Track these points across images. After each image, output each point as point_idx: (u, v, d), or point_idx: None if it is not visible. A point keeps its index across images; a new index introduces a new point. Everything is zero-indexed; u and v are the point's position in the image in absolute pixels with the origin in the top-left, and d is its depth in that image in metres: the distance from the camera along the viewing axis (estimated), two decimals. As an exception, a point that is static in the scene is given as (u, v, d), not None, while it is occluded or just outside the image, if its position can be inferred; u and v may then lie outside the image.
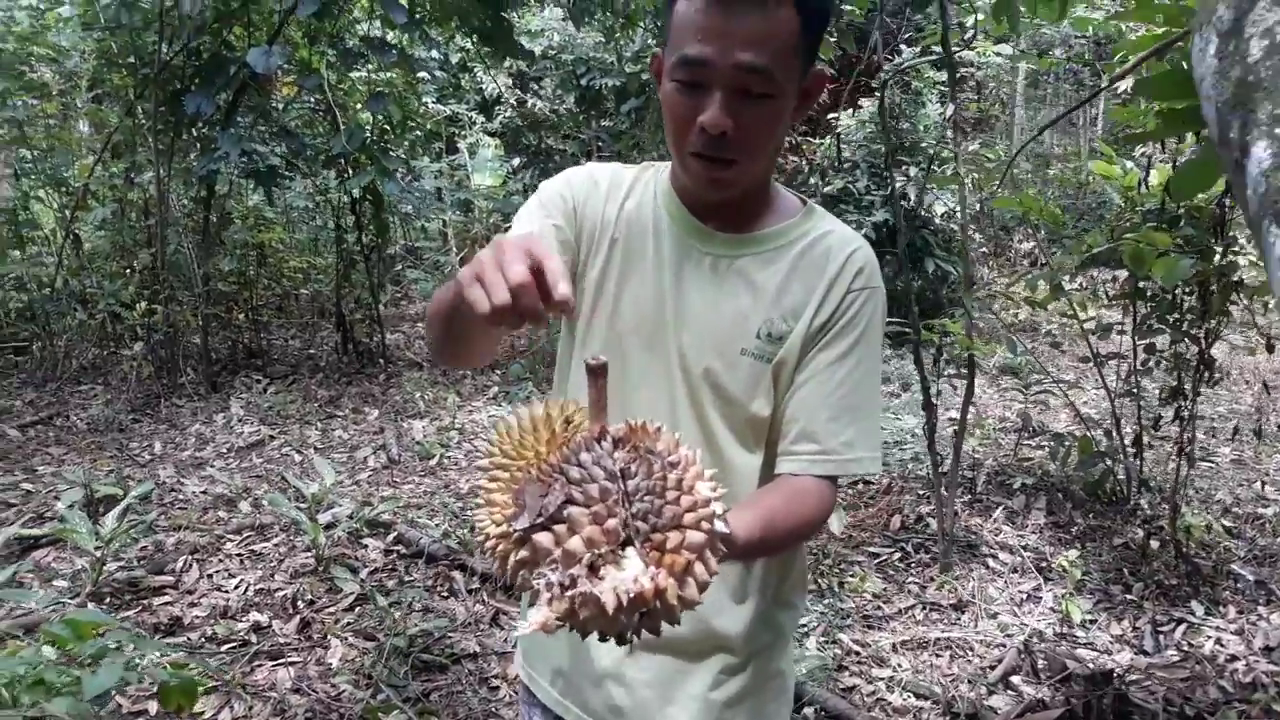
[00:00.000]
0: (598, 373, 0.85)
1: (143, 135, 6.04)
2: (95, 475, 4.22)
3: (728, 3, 1.05)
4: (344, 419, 5.47)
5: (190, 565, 3.47)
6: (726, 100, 1.09)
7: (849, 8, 3.89)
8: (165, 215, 5.90)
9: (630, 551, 0.74)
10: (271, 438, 5.03)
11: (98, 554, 3.25)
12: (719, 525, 0.77)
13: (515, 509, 0.78)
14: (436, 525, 3.84)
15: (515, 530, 0.76)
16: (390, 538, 3.73)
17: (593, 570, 0.72)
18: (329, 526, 3.62)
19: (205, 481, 4.33)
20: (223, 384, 5.98)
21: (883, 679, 2.80)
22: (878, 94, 7.66)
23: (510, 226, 1.30)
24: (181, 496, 4.17)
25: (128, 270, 6.31)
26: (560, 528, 0.74)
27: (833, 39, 3.55)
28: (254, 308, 7.04)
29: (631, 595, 0.71)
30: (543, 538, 0.74)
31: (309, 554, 3.52)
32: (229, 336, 6.78)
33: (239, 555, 3.59)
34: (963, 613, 3.15)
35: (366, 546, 3.67)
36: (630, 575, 0.72)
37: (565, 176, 1.34)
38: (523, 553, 0.77)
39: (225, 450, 4.83)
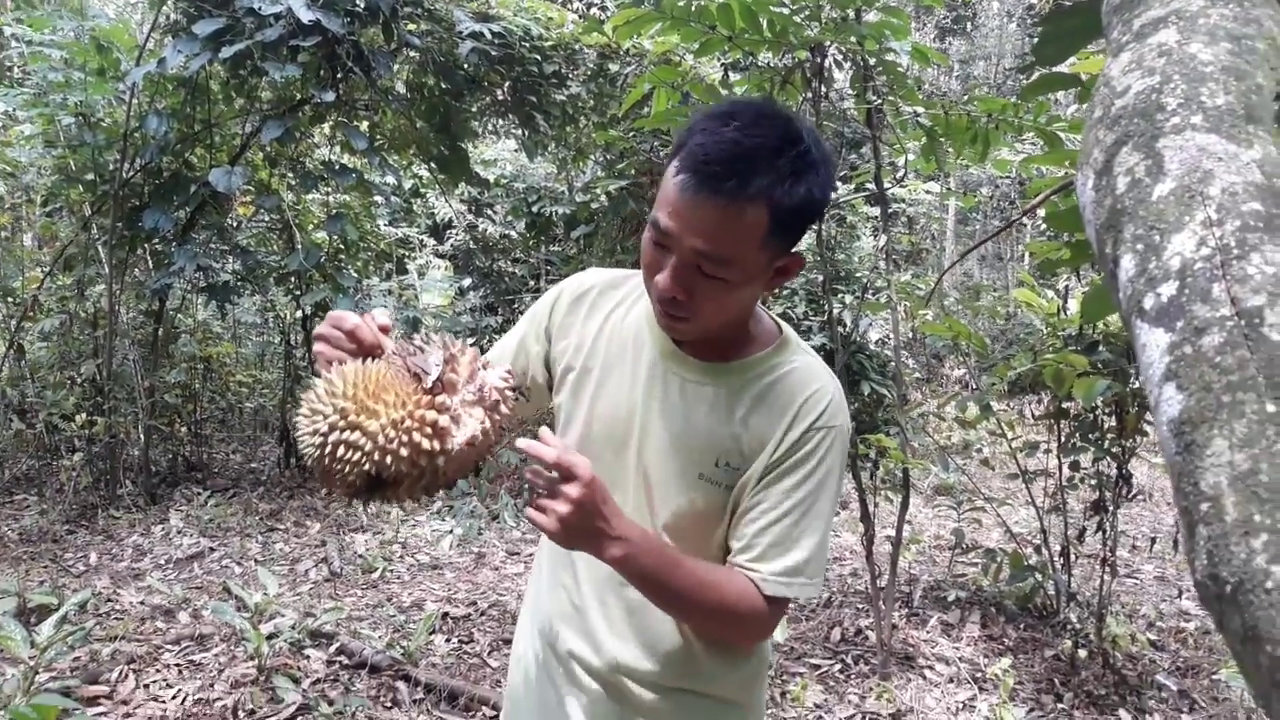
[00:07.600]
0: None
1: (95, 249, 6.10)
2: (28, 585, 4.13)
3: (696, 190, 1.12)
4: (285, 532, 5.42)
5: (126, 675, 3.39)
6: (679, 271, 1.17)
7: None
8: (115, 327, 5.92)
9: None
10: (211, 550, 4.97)
11: (31, 663, 3.17)
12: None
13: (417, 374, 1.07)
14: (380, 637, 3.81)
15: (430, 380, 1.06)
16: (333, 648, 3.69)
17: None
18: (271, 637, 3.57)
19: (143, 592, 4.25)
20: (162, 496, 5.90)
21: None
22: (814, 227, 8.07)
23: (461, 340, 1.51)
24: (118, 607, 4.08)
25: (70, 381, 6.27)
26: (449, 367, 1.08)
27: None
28: (197, 421, 7.01)
29: (507, 372, 1.12)
30: (449, 377, 1.07)
31: (250, 664, 3.47)
32: (170, 449, 6.71)
33: (177, 665, 3.52)
34: (901, 720, 3.21)
35: (309, 657, 3.62)
36: (499, 369, 1.12)
37: (558, 289, 1.44)
38: (439, 399, 1.06)
39: (164, 562, 4.75)
